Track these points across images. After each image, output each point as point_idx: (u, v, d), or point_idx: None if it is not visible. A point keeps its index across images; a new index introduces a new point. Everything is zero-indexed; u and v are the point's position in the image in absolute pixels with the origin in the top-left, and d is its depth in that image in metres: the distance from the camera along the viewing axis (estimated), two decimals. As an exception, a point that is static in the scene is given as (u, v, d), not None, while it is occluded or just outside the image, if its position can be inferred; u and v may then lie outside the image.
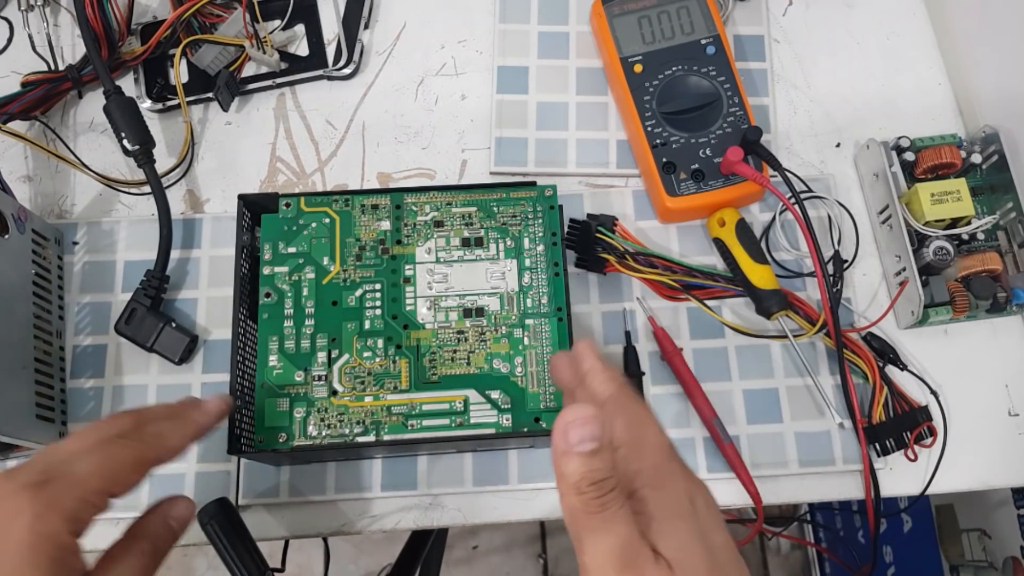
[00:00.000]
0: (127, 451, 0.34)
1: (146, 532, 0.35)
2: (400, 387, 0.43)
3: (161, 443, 0.36)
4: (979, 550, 0.74)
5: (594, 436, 0.28)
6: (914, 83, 0.57)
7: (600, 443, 0.28)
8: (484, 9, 0.58)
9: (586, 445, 0.28)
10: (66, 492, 0.32)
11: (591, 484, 0.28)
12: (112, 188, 0.53)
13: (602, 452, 0.28)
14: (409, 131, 0.55)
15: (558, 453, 0.28)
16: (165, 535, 0.36)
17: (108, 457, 0.34)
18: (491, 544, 1.21)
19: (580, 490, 0.28)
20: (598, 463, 0.28)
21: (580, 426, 0.28)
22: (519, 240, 0.46)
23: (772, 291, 0.48)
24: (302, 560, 1.16)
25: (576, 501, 0.28)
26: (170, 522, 0.36)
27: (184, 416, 0.38)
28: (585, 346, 0.35)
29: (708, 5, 0.53)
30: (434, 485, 0.47)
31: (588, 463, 0.28)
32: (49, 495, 0.31)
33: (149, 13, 0.57)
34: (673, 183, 0.50)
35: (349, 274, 0.45)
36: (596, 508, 0.28)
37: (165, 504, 0.37)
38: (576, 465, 0.28)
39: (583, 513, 0.28)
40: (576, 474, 0.28)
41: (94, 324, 0.50)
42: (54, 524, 0.31)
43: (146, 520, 0.36)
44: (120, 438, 0.35)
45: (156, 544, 0.35)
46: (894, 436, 0.47)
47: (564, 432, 0.28)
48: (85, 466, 0.33)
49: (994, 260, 0.49)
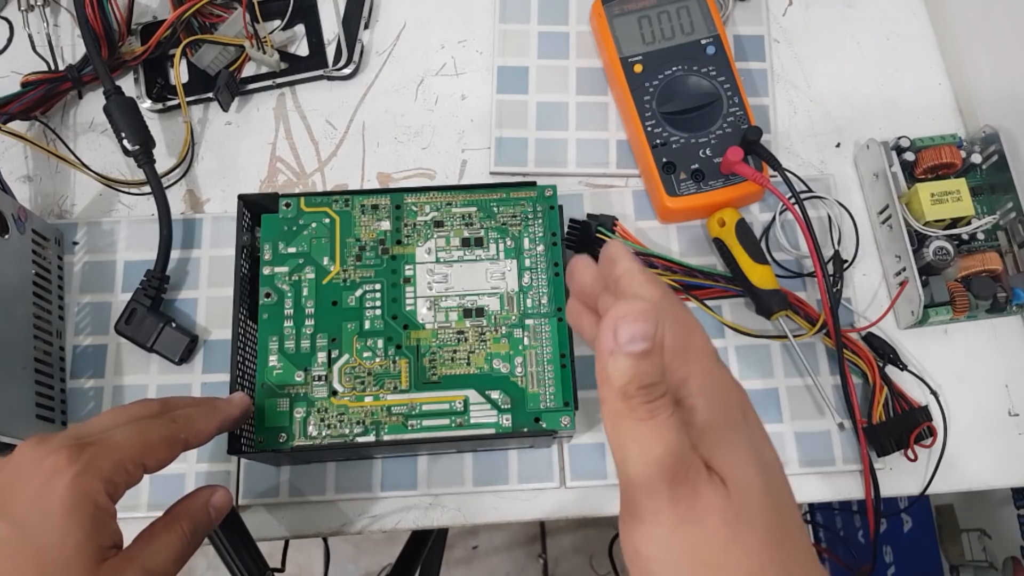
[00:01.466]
0: (160, 427, 0.35)
1: (188, 513, 0.36)
2: (400, 387, 0.43)
3: (191, 425, 0.36)
4: (979, 550, 0.74)
5: (646, 335, 0.25)
6: (914, 83, 0.57)
7: (652, 343, 0.25)
8: (484, 9, 0.58)
9: (637, 344, 0.25)
10: (103, 455, 0.32)
11: (640, 388, 0.25)
12: (112, 188, 0.53)
13: (653, 354, 0.25)
14: (409, 131, 0.55)
15: (604, 352, 0.25)
16: (205, 520, 0.37)
17: (142, 430, 0.35)
18: (491, 544, 1.21)
19: (628, 394, 0.25)
20: (648, 365, 0.25)
21: (632, 322, 0.25)
22: (519, 240, 0.46)
23: (772, 291, 0.48)
24: (302, 560, 1.16)
25: (622, 407, 0.25)
26: (210, 509, 0.37)
27: (211, 404, 0.39)
28: (618, 247, 0.31)
29: (708, 5, 0.53)
30: (434, 485, 0.47)
31: (638, 365, 0.25)
32: (87, 456, 0.32)
33: (149, 13, 0.57)
34: (673, 183, 0.50)
35: (349, 274, 0.45)
36: (644, 415, 0.25)
37: (206, 491, 0.38)
38: (625, 366, 0.25)
39: (630, 420, 0.25)
40: (624, 376, 0.25)
41: (94, 324, 0.50)
42: (93, 483, 0.32)
43: (188, 502, 0.37)
44: (152, 417, 0.36)
45: (196, 526, 0.36)
46: (894, 436, 0.47)
47: (613, 328, 0.25)
48: (121, 435, 0.34)
49: (994, 260, 0.49)
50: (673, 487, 0.25)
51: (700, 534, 0.25)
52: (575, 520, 0.48)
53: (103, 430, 0.34)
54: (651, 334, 0.25)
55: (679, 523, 0.25)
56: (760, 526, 0.26)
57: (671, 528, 0.25)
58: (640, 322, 0.25)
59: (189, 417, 0.37)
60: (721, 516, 0.25)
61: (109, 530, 0.32)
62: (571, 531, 1.22)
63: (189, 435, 0.36)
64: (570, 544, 1.22)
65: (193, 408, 0.38)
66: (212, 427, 0.37)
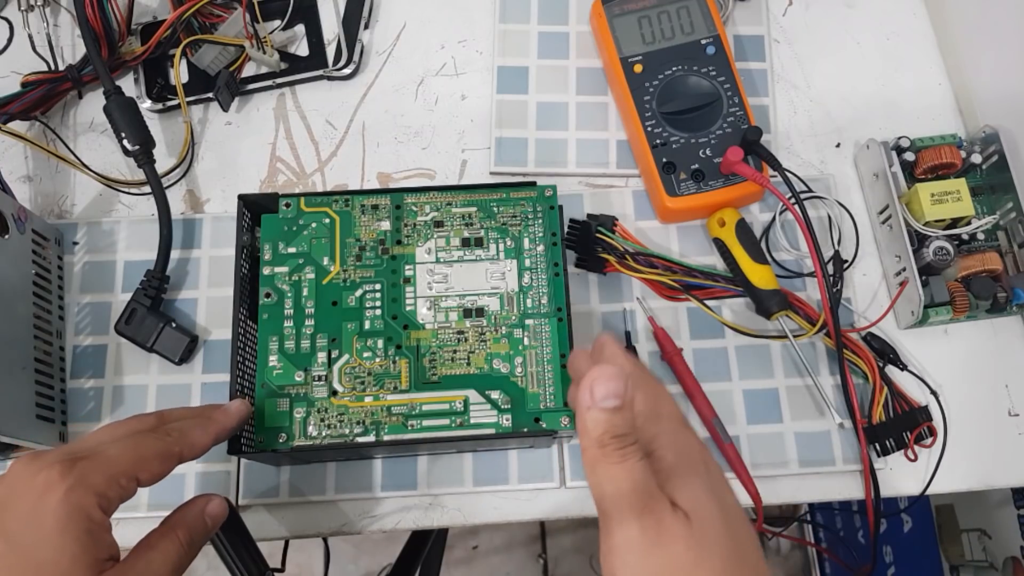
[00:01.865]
0: (153, 442, 0.36)
1: (183, 522, 0.36)
2: (400, 387, 0.43)
3: (185, 439, 0.37)
4: (979, 550, 0.74)
5: (618, 393, 0.29)
6: (914, 83, 0.57)
7: (623, 400, 0.29)
8: (484, 9, 0.58)
9: (610, 401, 0.29)
10: (95, 469, 0.33)
11: (613, 437, 0.29)
12: (112, 188, 0.53)
13: (624, 410, 0.29)
14: (409, 131, 0.55)
15: (583, 408, 0.29)
16: (201, 529, 0.37)
17: (136, 444, 0.35)
18: (491, 544, 1.21)
19: (603, 443, 0.29)
20: (619, 419, 0.29)
21: (605, 382, 0.29)
22: (519, 240, 0.46)
23: (772, 291, 0.48)
24: (302, 560, 1.16)
25: (598, 454, 0.29)
26: (206, 518, 0.37)
27: (206, 416, 0.39)
28: (607, 337, 0.37)
29: (708, 5, 0.53)
30: (434, 485, 0.47)
31: (611, 418, 0.29)
32: (80, 471, 0.32)
33: (149, 13, 0.57)
34: (673, 183, 0.50)
35: (349, 274, 0.45)
36: (617, 459, 0.29)
37: (201, 500, 0.38)
38: (600, 419, 0.29)
39: (604, 463, 0.29)
40: (600, 428, 0.29)
41: (94, 324, 0.50)
42: (86, 497, 0.32)
43: (184, 511, 0.37)
44: (147, 432, 0.36)
45: (192, 535, 0.36)
46: (894, 436, 0.47)
47: (590, 388, 0.29)
48: (114, 450, 0.34)
49: (994, 260, 0.49)
50: (642, 518, 0.29)
51: (667, 557, 0.29)
52: (575, 520, 0.47)
53: (97, 443, 0.34)
54: (622, 392, 0.29)
55: (648, 548, 0.29)
56: (720, 552, 0.29)
57: (642, 554, 0.29)
58: (612, 382, 0.29)
59: (183, 430, 0.37)
60: (684, 542, 0.29)
61: (104, 543, 0.33)
62: (571, 531, 1.22)
63: (184, 448, 0.36)
64: (570, 544, 1.22)
65: (188, 421, 0.38)
66: (207, 440, 0.38)
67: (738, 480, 0.47)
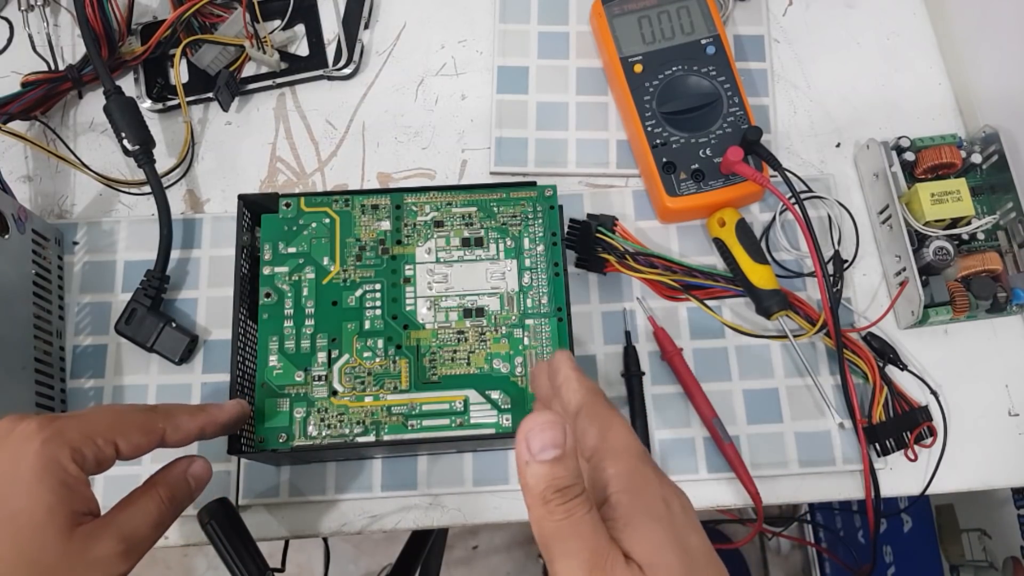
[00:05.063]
0: (137, 412, 0.36)
1: (165, 481, 0.37)
2: (400, 387, 0.43)
3: (171, 418, 0.37)
4: (979, 550, 0.74)
5: (555, 442, 0.27)
6: (914, 83, 0.57)
7: (562, 449, 0.27)
8: (484, 9, 0.58)
9: (548, 453, 0.27)
10: (73, 427, 0.33)
11: (555, 492, 0.27)
12: (112, 188, 0.53)
13: (565, 459, 0.27)
14: (409, 131, 0.55)
15: (521, 463, 0.28)
16: (184, 488, 0.37)
17: (118, 412, 0.36)
18: (491, 544, 1.21)
19: (545, 498, 0.27)
20: (561, 470, 0.27)
21: (540, 432, 0.27)
22: (519, 240, 0.46)
23: (772, 291, 0.48)
24: (302, 560, 1.16)
25: (542, 511, 0.28)
26: (189, 478, 0.38)
27: (199, 406, 0.39)
28: (561, 356, 0.35)
29: (708, 5, 0.53)
30: (434, 485, 0.47)
31: (551, 471, 0.27)
32: (57, 426, 0.33)
33: (149, 13, 0.57)
34: (673, 183, 0.50)
35: (349, 274, 0.45)
36: (562, 515, 0.27)
37: (184, 461, 0.38)
38: (540, 473, 0.27)
39: (549, 522, 0.28)
40: (541, 483, 0.27)
41: (94, 324, 0.50)
42: (60, 450, 0.32)
43: (166, 471, 0.37)
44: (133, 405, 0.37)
45: (174, 494, 0.36)
46: (894, 436, 0.47)
47: (525, 441, 0.27)
48: (95, 414, 0.35)
49: (994, 260, 0.49)
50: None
51: None
52: (575, 520, 0.47)
53: (81, 411, 0.35)
54: (560, 441, 0.27)
55: None
56: None
57: None
58: (548, 431, 0.27)
59: (170, 410, 0.37)
60: None
61: (82, 496, 0.33)
62: (571, 531, 1.22)
63: (168, 426, 0.36)
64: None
65: (179, 405, 0.38)
66: (193, 426, 0.37)
67: (738, 480, 0.47)
